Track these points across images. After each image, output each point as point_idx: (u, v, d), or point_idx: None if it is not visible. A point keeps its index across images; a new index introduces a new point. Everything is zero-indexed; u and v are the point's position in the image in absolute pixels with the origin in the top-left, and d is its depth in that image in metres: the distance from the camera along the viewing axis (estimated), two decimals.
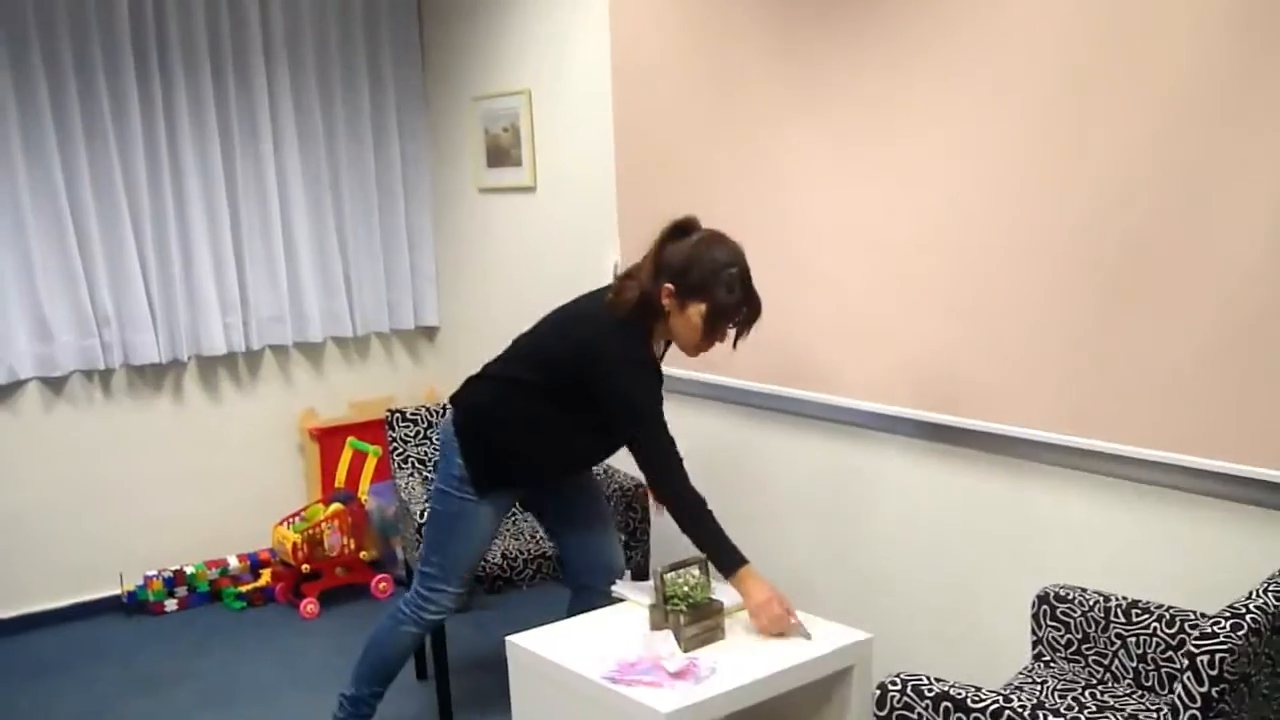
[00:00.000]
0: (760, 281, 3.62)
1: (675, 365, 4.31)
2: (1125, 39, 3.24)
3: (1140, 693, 3.19)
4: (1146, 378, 3.32)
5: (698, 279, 3.60)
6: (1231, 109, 3.05)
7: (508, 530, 4.78)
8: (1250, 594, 2.54)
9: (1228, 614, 2.42)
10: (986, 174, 3.66)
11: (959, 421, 3.91)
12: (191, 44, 5.86)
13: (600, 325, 3.73)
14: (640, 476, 3.89)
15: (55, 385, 5.77)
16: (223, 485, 6.26)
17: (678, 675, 3.26)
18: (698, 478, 3.69)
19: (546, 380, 3.81)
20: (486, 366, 4.00)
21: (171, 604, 5.95)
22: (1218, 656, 2.34)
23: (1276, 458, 3.09)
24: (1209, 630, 2.38)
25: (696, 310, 3.62)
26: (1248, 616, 2.41)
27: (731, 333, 3.69)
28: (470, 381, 4.00)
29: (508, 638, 3.64)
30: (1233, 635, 2.36)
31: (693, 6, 4.63)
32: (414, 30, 6.59)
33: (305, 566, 5.80)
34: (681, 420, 4.82)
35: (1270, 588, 2.59)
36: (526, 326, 3.99)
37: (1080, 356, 3.49)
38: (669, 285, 3.63)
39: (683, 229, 3.71)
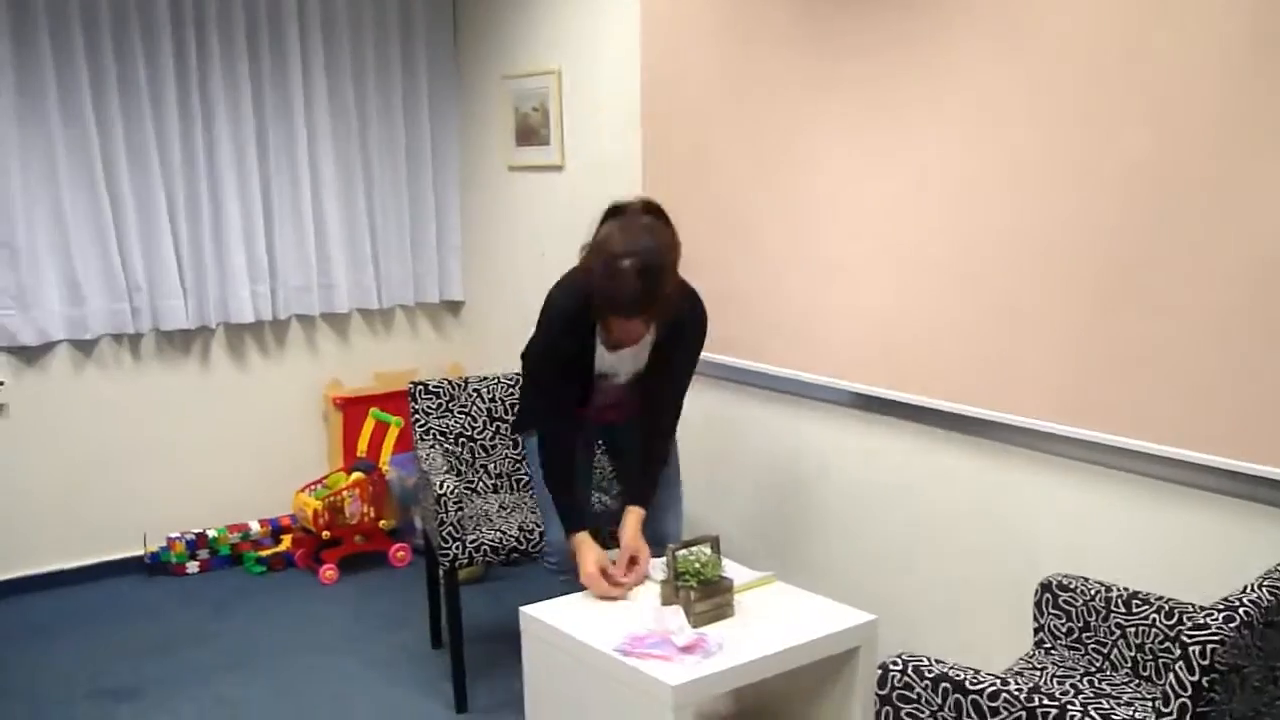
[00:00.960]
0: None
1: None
2: (1145, 44, 3.29)
3: (1137, 681, 3.26)
4: (1153, 373, 3.38)
5: (593, 266, 3.67)
6: (1248, 109, 3.09)
7: (524, 504, 4.85)
8: (1245, 588, 2.60)
9: (1221, 606, 2.47)
10: (1004, 170, 3.71)
11: (967, 409, 3.96)
12: (228, 15, 5.94)
13: (560, 280, 3.96)
14: None
15: (85, 348, 5.87)
16: (246, 451, 6.34)
17: (686, 649, 3.33)
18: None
19: None
20: None
21: (193, 566, 6.05)
22: (1209, 647, 2.40)
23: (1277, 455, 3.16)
24: (1201, 621, 2.44)
25: (598, 305, 3.71)
26: (1240, 609, 2.47)
27: (635, 323, 3.74)
28: None
29: (521, 608, 3.72)
30: (1225, 627, 2.42)
31: None
32: (447, 7, 6.65)
33: (325, 533, 5.88)
34: (694, 398, 4.87)
35: (1265, 582, 2.65)
36: None
37: (1089, 349, 3.54)
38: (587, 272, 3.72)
39: (619, 210, 3.77)
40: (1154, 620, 3.25)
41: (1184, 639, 2.43)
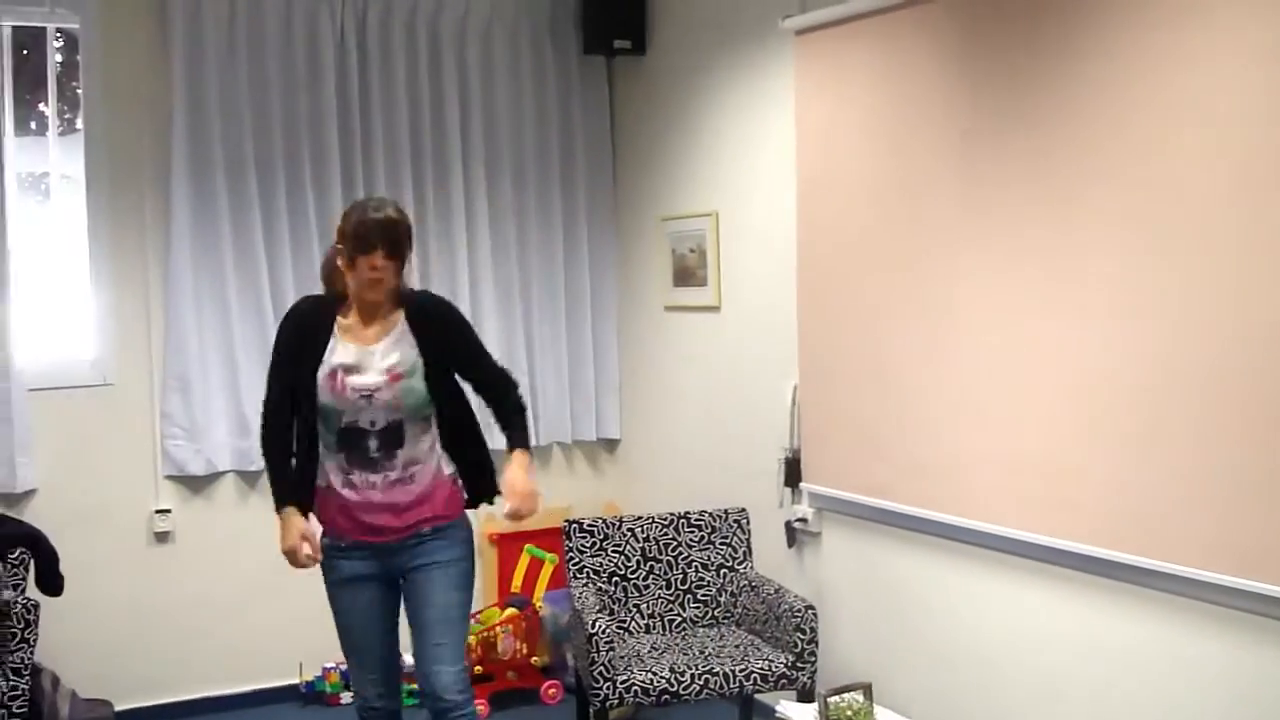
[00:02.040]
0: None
1: (841, 488, 4.34)
2: None
3: None
4: None
5: (342, 226, 3.90)
6: None
7: (676, 645, 4.83)
8: None
9: None
10: (1157, 310, 3.66)
11: (1119, 556, 3.86)
12: (394, 157, 6.16)
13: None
14: (805, 597, 3.92)
15: (250, 479, 6.01)
16: None
17: None
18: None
19: None
20: None
21: (346, 697, 6.08)
22: None
23: None
24: None
25: (346, 250, 3.87)
26: None
27: (382, 251, 3.83)
28: None
29: None
30: None
31: (879, 136, 4.71)
32: (607, 149, 6.79)
33: (478, 668, 5.89)
34: (847, 541, 4.85)
35: None
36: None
37: (1256, 494, 3.45)
38: (338, 247, 3.91)
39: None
40: None
41: None
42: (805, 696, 4.53)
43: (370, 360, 3.95)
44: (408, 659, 4.23)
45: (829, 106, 4.98)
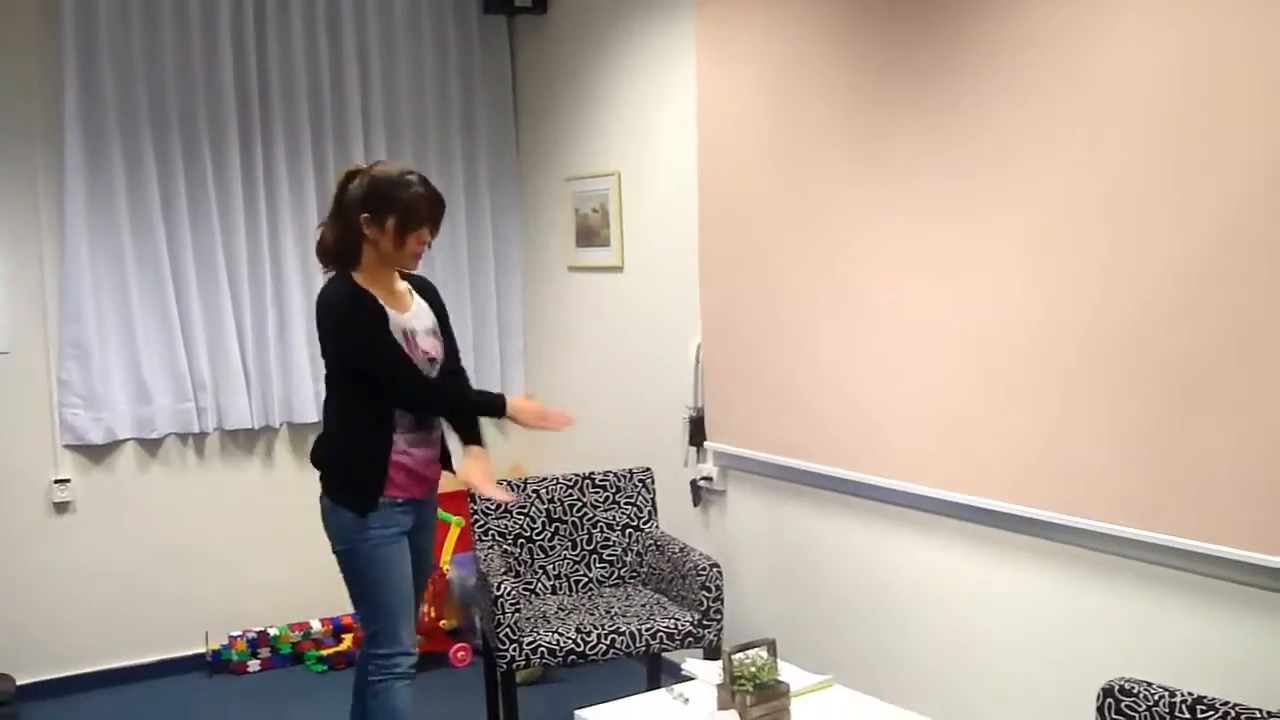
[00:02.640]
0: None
1: (746, 447, 4.37)
2: (1200, 138, 3.29)
3: None
4: (1221, 474, 3.34)
5: (385, 195, 3.94)
6: None
7: (582, 605, 4.85)
8: None
9: None
10: (1063, 269, 3.70)
11: (1028, 511, 3.93)
12: (294, 119, 6.10)
13: (320, 294, 4.07)
14: (711, 556, 3.95)
15: (151, 446, 5.95)
16: (309, 550, 6.31)
17: None
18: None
19: (330, 374, 4.15)
20: None
21: (254, 665, 6.06)
22: None
23: None
24: None
25: (391, 223, 3.95)
26: None
27: (431, 226, 4.02)
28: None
29: (577, 711, 3.70)
30: None
31: (777, 96, 4.73)
32: (509, 110, 6.76)
33: None
34: (751, 499, 4.88)
35: None
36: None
37: (1147, 451, 3.51)
38: (363, 216, 3.95)
39: (353, 174, 4.05)
40: None
41: None
42: (711, 654, 4.56)
43: (419, 323, 4.17)
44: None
45: (729, 66, 4.99)
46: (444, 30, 6.53)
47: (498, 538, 5.04)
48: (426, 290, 4.34)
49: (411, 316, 4.12)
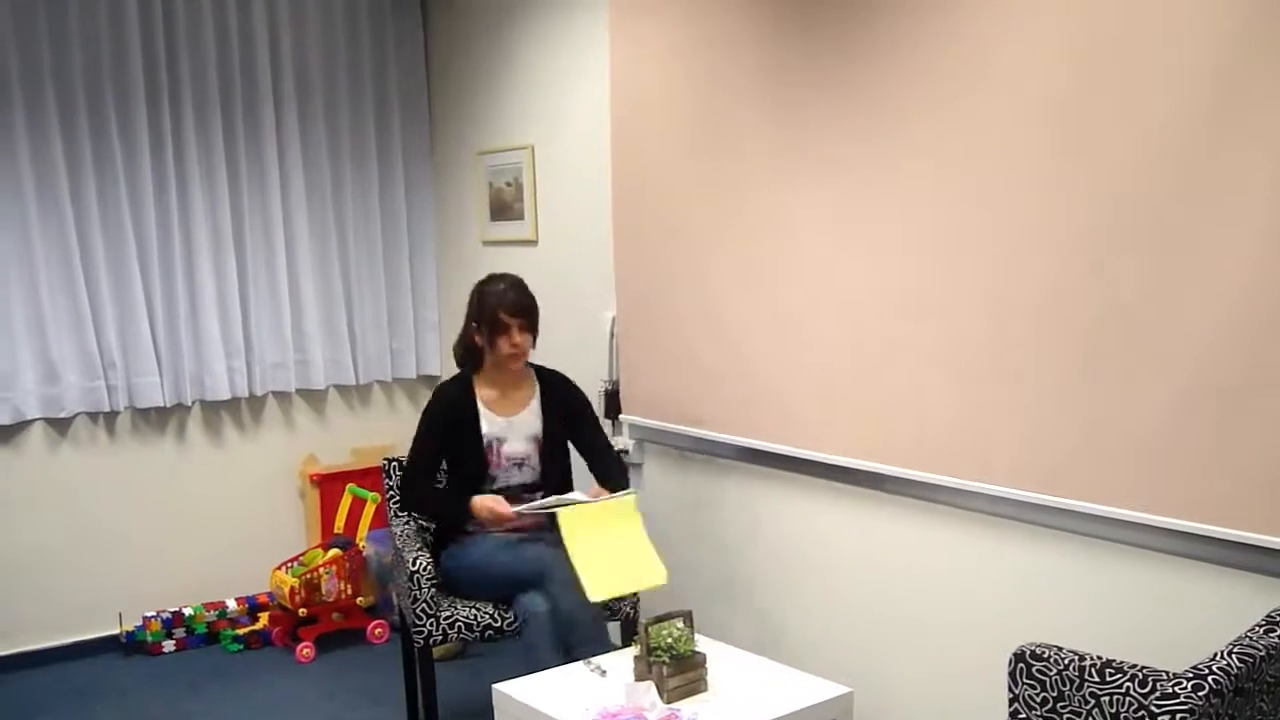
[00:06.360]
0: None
1: (661, 419, 4.37)
2: (1101, 103, 3.33)
3: None
4: (1122, 439, 3.39)
5: (480, 304, 4.60)
6: (1204, 172, 3.12)
7: None
8: (1215, 655, 2.60)
9: (1190, 675, 2.48)
10: (969, 235, 3.74)
11: (937, 479, 3.97)
12: (203, 91, 5.99)
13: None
14: None
15: (60, 426, 5.86)
16: (223, 529, 6.32)
17: None
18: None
19: None
20: None
21: (169, 645, 6.00)
22: (1178, 716, 2.40)
23: (1248, 520, 3.16)
24: (1171, 690, 2.44)
25: (486, 329, 4.57)
26: (1210, 678, 2.47)
27: (517, 326, 4.54)
28: None
29: (494, 685, 3.70)
30: (1194, 696, 2.42)
31: (690, 66, 4.72)
32: (422, 83, 6.71)
33: (302, 610, 5.85)
34: (669, 471, 4.90)
35: (1235, 649, 2.65)
36: None
37: (1058, 416, 3.56)
38: (472, 325, 4.63)
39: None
40: (1128, 689, 3.23)
41: (1153, 709, 2.43)
42: (629, 626, 4.57)
43: (513, 432, 4.65)
44: None
45: (643, 38, 4.97)
46: (356, 3, 6.46)
47: (414, 513, 5.01)
48: (558, 389, 4.78)
49: (507, 426, 4.64)
